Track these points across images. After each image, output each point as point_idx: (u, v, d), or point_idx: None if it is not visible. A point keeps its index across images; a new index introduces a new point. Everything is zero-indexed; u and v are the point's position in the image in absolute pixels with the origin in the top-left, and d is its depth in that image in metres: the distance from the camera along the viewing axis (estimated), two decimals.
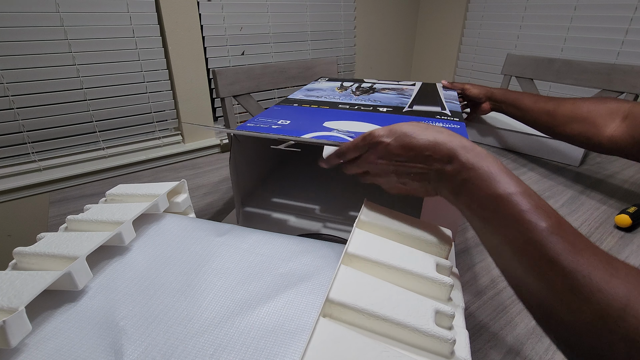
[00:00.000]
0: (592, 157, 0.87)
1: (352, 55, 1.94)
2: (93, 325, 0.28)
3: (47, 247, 0.32)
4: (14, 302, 0.25)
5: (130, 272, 0.33)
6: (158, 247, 0.36)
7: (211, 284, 0.31)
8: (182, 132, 1.52)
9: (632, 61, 1.41)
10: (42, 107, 1.19)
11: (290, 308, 0.29)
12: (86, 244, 0.32)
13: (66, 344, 0.26)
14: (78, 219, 0.37)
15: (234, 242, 0.37)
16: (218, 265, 0.34)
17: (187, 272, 0.33)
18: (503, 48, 1.82)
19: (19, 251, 0.32)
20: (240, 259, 0.34)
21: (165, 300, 0.30)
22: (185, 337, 0.27)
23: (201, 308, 0.29)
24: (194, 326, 0.27)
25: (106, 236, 0.33)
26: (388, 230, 0.34)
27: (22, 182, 1.21)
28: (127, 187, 0.43)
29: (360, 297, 0.26)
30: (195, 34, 1.40)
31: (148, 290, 0.31)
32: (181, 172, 0.79)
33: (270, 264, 0.34)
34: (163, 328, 0.28)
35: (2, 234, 1.25)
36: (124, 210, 0.37)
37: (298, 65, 1.14)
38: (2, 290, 0.26)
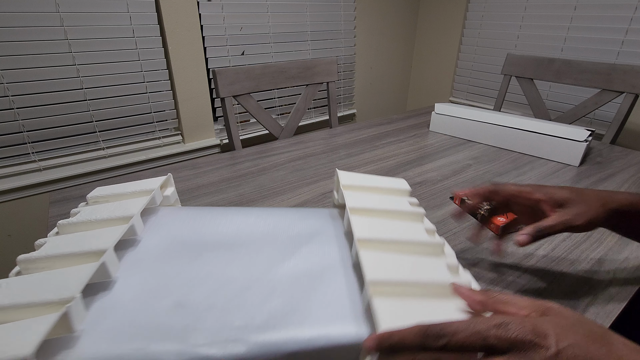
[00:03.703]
0: (592, 157, 0.87)
1: (352, 55, 1.94)
2: (143, 298, 0.31)
3: (60, 248, 0.32)
4: (65, 294, 0.27)
5: (154, 254, 0.36)
6: (169, 232, 0.39)
7: (235, 252, 0.36)
8: (182, 132, 1.52)
9: (632, 61, 1.41)
10: (42, 107, 1.19)
11: (311, 257, 0.36)
12: (108, 238, 0.33)
13: (121, 320, 0.28)
14: (74, 221, 0.37)
15: (241, 217, 0.42)
16: (235, 237, 0.39)
17: (208, 247, 0.37)
18: (503, 48, 1.82)
19: (26, 258, 0.32)
20: (252, 230, 0.40)
21: (201, 269, 0.34)
22: (236, 293, 0.31)
23: (237, 270, 0.34)
24: (238, 284, 0.32)
25: (123, 229, 0.35)
26: (374, 212, 0.39)
27: (22, 182, 1.21)
28: (108, 189, 0.44)
29: (390, 271, 0.31)
30: (195, 34, 1.40)
31: (179, 265, 0.34)
32: (181, 172, 0.79)
33: (280, 230, 0.40)
34: (212, 289, 0.32)
35: (2, 234, 1.25)
36: (125, 206, 0.38)
37: (298, 65, 1.14)
38: (44, 287, 0.27)
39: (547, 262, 0.51)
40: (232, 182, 0.75)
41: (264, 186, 0.73)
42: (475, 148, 0.93)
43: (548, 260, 0.51)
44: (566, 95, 1.61)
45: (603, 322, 0.41)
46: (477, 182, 0.74)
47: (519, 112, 1.78)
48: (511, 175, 0.77)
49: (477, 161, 0.85)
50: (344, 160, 0.85)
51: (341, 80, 1.96)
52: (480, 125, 0.95)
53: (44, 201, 1.28)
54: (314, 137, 1.01)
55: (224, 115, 1.05)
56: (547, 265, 0.50)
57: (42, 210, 1.29)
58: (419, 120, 1.16)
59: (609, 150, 0.91)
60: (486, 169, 0.81)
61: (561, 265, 0.50)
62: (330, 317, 0.29)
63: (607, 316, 0.42)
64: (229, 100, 1.04)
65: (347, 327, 0.28)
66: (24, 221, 1.27)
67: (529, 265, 0.50)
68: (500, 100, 1.33)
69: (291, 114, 1.17)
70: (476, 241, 0.50)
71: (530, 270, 0.49)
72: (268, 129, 1.13)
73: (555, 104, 1.64)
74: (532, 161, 0.84)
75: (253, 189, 0.72)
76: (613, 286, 0.46)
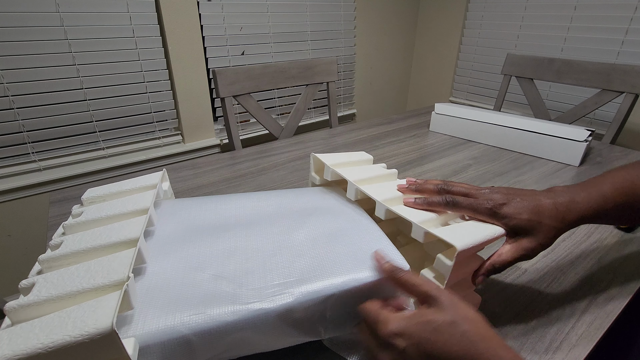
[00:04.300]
0: (592, 157, 0.87)
1: (352, 55, 1.94)
2: (180, 276, 0.33)
3: (84, 243, 0.33)
4: (116, 276, 0.28)
5: (174, 239, 0.38)
6: (180, 220, 0.41)
7: (251, 229, 0.40)
8: (182, 132, 1.52)
9: (632, 61, 1.41)
10: (42, 107, 1.19)
11: (322, 222, 0.41)
12: (133, 228, 0.35)
13: (168, 296, 0.30)
14: (83, 220, 0.37)
15: (243, 201, 0.45)
16: (245, 217, 0.42)
17: (223, 228, 0.40)
18: (503, 48, 1.82)
19: (49, 257, 0.32)
20: (258, 210, 0.44)
21: (225, 245, 0.37)
22: (266, 260, 0.35)
23: (259, 242, 0.37)
24: (265, 252, 0.36)
25: (144, 219, 0.36)
26: (368, 179, 0.46)
27: (22, 182, 1.21)
28: (102, 189, 0.44)
29: (406, 211, 0.40)
30: (195, 34, 1.40)
31: (203, 245, 0.37)
32: (181, 172, 0.79)
33: (285, 206, 0.45)
34: (242, 259, 0.35)
35: (2, 234, 1.25)
36: (135, 201, 0.40)
37: (298, 65, 1.14)
38: (88, 275, 0.29)
39: (547, 262, 0.51)
40: (232, 182, 0.75)
41: (264, 186, 0.73)
42: (475, 148, 0.93)
43: (548, 260, 0.51)
44: (566, 95, 1.61)
45: (602, 322, 0.41)
46: (477, 182, 0.74)
47: (519, 112, 1.78)
48: (511, 175, 0.77)
49: (477, 161, 0.85)
50: None
51: (341, 80, 1.96)
52: (480, 125, 0.95)
53: (44, 201, 1.28)
54: (314, 137, 1.01)
55: (224, 115, 1.05)
56: (547, 265, 0.50)
57: (42, 210, 1.29)
58: (419, 120, 1.16)
59: (609, 150, 0.91)
60: (486, 169, 0.81)
61: (561, 265, 0.50)
62: (353, 266, 0.34)
63: (607, 316, 0.42)
64: (229, 100, 1.04)
65: (368, 271, 0.34)
66: (24, 221, 1.27)
67: (529, 265, 0.50)
68: (500, 100, 1.33)
69: (291, 114, 1.17)
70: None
71: (530, 270, 0.49)
72: (268, 129, 1.13)
73: (555, 104, 1.64)
74: (532, 161, 0.84)
75: (253, 189, 0.72)
76: (613, 286, 0.46)
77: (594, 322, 0.41)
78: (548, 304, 0.43)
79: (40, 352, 0.22)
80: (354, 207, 0.45)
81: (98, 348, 0.23)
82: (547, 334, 0.40)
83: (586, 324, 0.41)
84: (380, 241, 0.38)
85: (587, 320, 0.41)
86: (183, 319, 0.28)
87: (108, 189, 0.44)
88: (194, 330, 0.28)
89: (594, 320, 0.41)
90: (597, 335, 0.39)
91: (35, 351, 0.22)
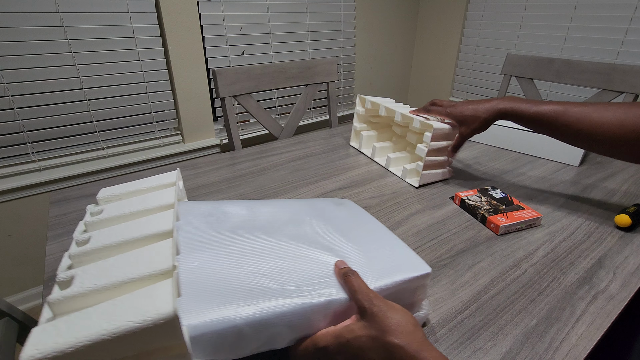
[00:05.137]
0: (592, 157, 0.87)
1: (352, 55, 1.94)
2: (218, 270, 0.34)
3: (113, 238, 0.34)
4: (160, 266, 0.29)
5: (198, 236, 0.38)
6: (200, 219, 0.41)
7: (276, 230, 0.41)
8: (182, 132, 1.52)
9: (632, 61, 1.41)
10: (42, 107, 1.19)
11: (344, 225, 0.45)
12: (162, 222, 0.35)
13: (210, 288, 0.31)
14: (105, 217, 0.38)
15: (262, 206, 0.47)
16: (267, 220, 0.44)
17: (248, 228, 0.41)
18: (503, 48, 1.82)
19: (80, 252, 0.33)
20: (280, 214, 0.46)
21: (254, 244, 0.38)
22: (297, 259, 0.36)
23: (288, 243, 0.39)
24: (294, 253, 0.38)
25: (171, 214, 0.37)
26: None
27: (22, 182, 1.21)
28: (116, 188, 0.44)
29: None
30: (195, 34, 1.40)
31: (232, 243, 0.38)
32: (181, 172, 0.79)
33: (302, 211, 0.47)
34: (276, 257, 0.36)
35: (2, 234, 1.25)
36: (156, 198, 0.40)
37: (298, 65, 1.14)
38: (131, 265, 0.29)
39: (547, 262, 0.51)
40: (232, 182, 0.75)
41: (264, 186, 0.73)
42: (475, 148, 0.93)
43: (548, 260, 0.51)
44: (566, 95, 1.61)
45: (602, 322, 0.41)
46: (478, 182, 0.74)
47: None
48: (511, 175, 0.77)
49: (477, 161, 0.85)
50: (344, 160, 0.85)
51: (341, 80, 1.96)
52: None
53: (44, 201, 1.28)
54: (314, 137, 1.01)
55: (224, 115, 1.05)
56: (547, 265, 0.50)
57: (42, 210, 1.29)
58: None
59: None
60: (486, 169, 0.81)
61: (561, 265, 0.50)
62: (384, 268, 0.37)
63: (607, 316, 0.42)
64: (229, 100, 1.04)
65: (401, 273, 0.37)
66: (24, 221, 1.27)
67: (529, 265, 0.50)
68: None
69: (291, 114, 1.17)
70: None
71: (530, 270, 0.49)
72: (268, 129, 1.13)
73: None
74: (532, 161, 0.84)
75: (253, 189, 0.72)
76: (613, 286, 0.46)
77: (594, 322, 0.41)
78: (548, 304, 0.43)
79: (105, 338, 0.23)
80: (368, 216, 0.50)
81: (157, 334, 0.24)
82: (547, 334, 0.40)
83: (586, 324, 0.41)
84: (402, 247, 0.42)
85: (587, 320, 0.41)
86: (237, 310, 0.30)
87: (124, 188, 0.44)
88: (246, 321, 0.29)
89: (594, 320, 0.41)
90: (597, 335, 0.39)
91: (100, 337, 0.23)
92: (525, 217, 0.58)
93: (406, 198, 0.68)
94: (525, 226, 0.58)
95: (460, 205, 0.65)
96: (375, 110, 0.88)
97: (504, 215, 0.58)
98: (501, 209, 0.61)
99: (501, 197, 0.65)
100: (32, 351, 0.22)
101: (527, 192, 0.70)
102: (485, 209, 0.61)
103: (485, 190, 0.67)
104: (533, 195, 0.69)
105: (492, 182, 0.74)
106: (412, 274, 0.37)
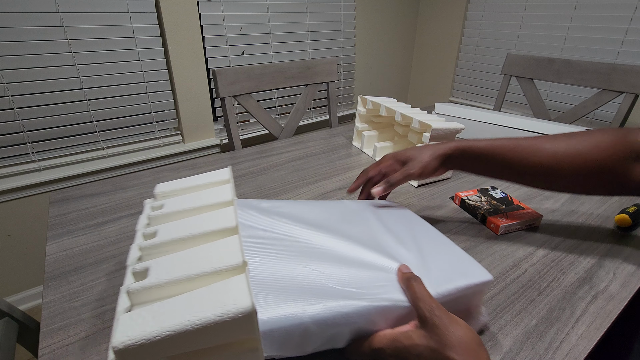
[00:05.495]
0: None
1: (352, 55, 1.94)
2: (280, 268, 0.34)
3: (179, 232, 0.35)
4: (230, 261, 0.29)
5: (260, 232, 0.39)
6: (260, 216, 0.42)
7: (333, 232, 0.41)
8: (182, 132, 1.52)
9: (632, 61, 1.41)
10: (42, 107, 1.19)
11: (402, 229, 0.46)
12: (225, 218, 0.36)
13: (276, 286, 0.32)
14: (167, 212, 0.39)
15: (313, 207, 0.48)
16: (323, 221, 0.44)
17: (308, 229, 0.41)
18: (503, 48, 1.82)
19: (148, 244, 0.34)
20: (335, 215, 0.46)
21: (314, 244, 0.39)
22: (358, 261, 0.37)
23: (347, 245, 0.39)
24: (355, 254, 0.38)
25: (232, 210, 0.37)
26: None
27: (22, 182, 1.21)
28: (173, 184, 0.46)
29: None
30: (195, 34, 1.40)
31: (293, 241, 0.39)
32: (181, 172, 0.79)
33: (356, 212, 0.48)
34: (337, 258, 0.37)
35: (2, 234, 1.25)
36: (213, 194, 0.41)
37: (298, 65, 1.14)
38: (202, 259, 0.30)
39: (547, 262, 0.51)
40: None
41: (264, 186, 0.73)
42: None
43: (548, 260, 0.51)
44: (566, 95, 1.61)
45: (602, 322, 0.41)
46: (477, 182, 0.74)
47: (519, 112, 1.78)
48: None
49: None
50: (344, 160, 0.85)
51: (341, 80, 1.96)
52: (480, 125, 0.95)
53: (44, 201, 1.28)
54: (314, 137, 1.01)
55: (224, 115, 1.05)
56: (547, 265, 0.50)
57: (42, 210, 1.29)
58: None
59: None
60: None
61: (561, 265, 0.50)
62: (447, 274, 0.37)
63: (607, 316, 0.42)
64: (229, 100, 1.04)
65: (463, 279, 0.37)
66: (24, 221, 1.27)
67: (529, 265, 0.50)
68: (500, 100, 1.33)
69: (291, 114, 1.17)
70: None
71: (530, 270, 0.49)
72: (268, 129, 1.13)
73: (555, 104, 1.64)
74: None
75: (253, 189, 0.72)
76: (613, 286, 0.46)
77: (594, 322, 0.41)
78: (548, 304, 0.43)
79: (188, 328, 0.24)
80: (423, 221, 0.50)
81: (235, 327, 0.25)
82: (547, 334, 0.40)
83: (586, 324, 0.41)
84: (460, 253, 0.42)
85: (587, 320, 0.41)
86: (304, 308, 0.30)
87: (180, 184, 0.46)
88: (313, 319, 0.30)
89: (594, 320, 0.41)
90: (597, 335, 0.39)
91: (184, 328, 0.24)
92: (525, 217, 0.58)
93: (406, 198, 0.68)
94: (525, 226, 0.58)
95: (460, 205, 0.65)
96: (377, 110, 0.88)
97: (504, 215, 0.58)
98: (501, 209, 0.61)
99: (501, 197, 0.65)
100: (123, 337, 0.24)
101: (527, 192, 0.70)
102: (485, 209, 0.61)
103: (485, 190, 0.67)
104: (533, 195, 0.69)
105: (492, 182, 0.74)
106: (473, 281, 0.36)
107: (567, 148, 0.48)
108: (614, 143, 0.47)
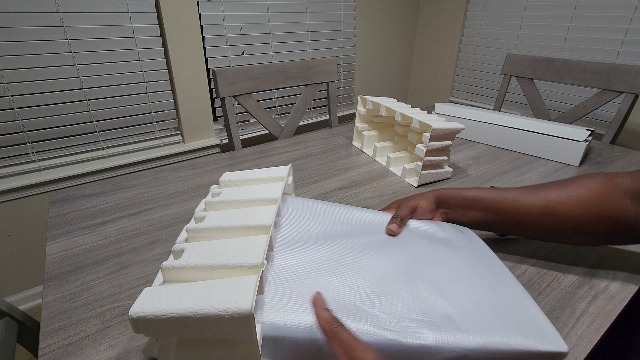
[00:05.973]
0: (592, 157, 0.87)
1: (352, 55, 1.94)
2: (309, 274, 0.33)
3: (223, 221, 0.37)
4: (251, 259, 0.30)
5: (300, 234, 0.39)
6: (306, 218, 0.42)
7: (379, 248, 0.39)
8: (182, 132, 1.52)
9: (632, 61, 1.41)
10: (42, 107, 1.19)
11: (455, 258, 0.41)
12: (264, 216, 0.37)
13: (296, 292, 0.31)
14: (221, 200, 0.41)
15: (366, 215, 0.47)
16: (370, 234, 0.42)
17: (353, 240, 0.40)
18: (503, 48, 1.82)
19: (194, 227, 0.37)
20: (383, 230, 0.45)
21: (354, 257, 0.37)
22: (397, 286, 0.34)
23: (390, 265, 0.37)
24: (397, 279, 0.35)
25: (275, 209, 0.38)
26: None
27: (22, 182, 1.21)
28: (237, 174, 0.48)
29: None
30: (195, 34, 1.40)
31: (332, 248, 0.37)
32: (181, 171, 0.79)
33: (412, 232, 0.46)
34: (375, 277, 0.35)
35: (2, 234, 1.25)
36: (264, 190, 0.42)
37: (298, 65, 1.14)
38: (229, 252, 0.31)
39: (547, 262, 0.51)
40: None
41: None
42: (475, 148, 0.93)
43: (548, 260, 0.51)
44: (566, 95, 1.61)
45: (603, 322, 0.41)
46: (477, 182, 0.74)
47: (519, 112, 1.78)
48: (511, 175, 0.77)
49: (477, 161, 0.85)
50: (344, 160, 0.85)
51: (341, 80, 1.96)
52: (480, 125, 0.95)
53: (44, 201, 1.28)
54: (314, 137, 1.01)
55: (224, 115, 1.05)
56: (547, 265, 0.50)
57: (42, 210, 1.29)
58: None
59: (609, 150, 0.91)
60: (486, 169, 0.81)
61: (561, 265, 0.50)
62: (497, 325, 0.31)
63: (607, 316, 0.42)
64: (229, 100, 1.04)
65: (515, 337, 0.30)
66: (24, 221, 1.27)
67: (529, 265, 0.50)
68: (500, 100, 1.33)
69: (291, 114, 1.17)
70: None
71: (530, 270, 0.49)
72: (268, 129, 1.13)
73: (555, 104, 1.64)
74: (532, 161, 0.84)
75: None
76: (613, 286, 0.46)
77: (594, 322, 0.41)
78: (548, 304, 0.43)
79: (190, 315, 0.25)
80: (492, 255, 0.44)
81: (232, 326, 0.26)
82: None
83: (586, 324, 0.41)
84: (532, 306, 0.35)
85: (587, 320, 0.41)
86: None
87: (242, 175, 0.47)
88: None
89: (594, 320, 0.41)
90: (597, 335, 0.39)
91: (186, 314, 0.25)
92: None
93: None
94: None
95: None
96: (377, 110, 0.88)
97: None
98: None
99: None
100: (138, 308, 0.26)
101: None
102: None
103: None
104: None
105: (492, 182, 0.74)
106: (538, 346, 0.30)
107: (560, 195, 0.45)
108: (605, 184, 0.44)
